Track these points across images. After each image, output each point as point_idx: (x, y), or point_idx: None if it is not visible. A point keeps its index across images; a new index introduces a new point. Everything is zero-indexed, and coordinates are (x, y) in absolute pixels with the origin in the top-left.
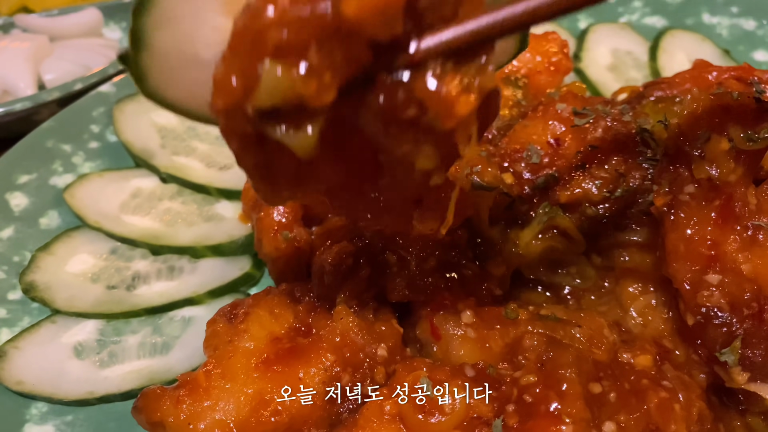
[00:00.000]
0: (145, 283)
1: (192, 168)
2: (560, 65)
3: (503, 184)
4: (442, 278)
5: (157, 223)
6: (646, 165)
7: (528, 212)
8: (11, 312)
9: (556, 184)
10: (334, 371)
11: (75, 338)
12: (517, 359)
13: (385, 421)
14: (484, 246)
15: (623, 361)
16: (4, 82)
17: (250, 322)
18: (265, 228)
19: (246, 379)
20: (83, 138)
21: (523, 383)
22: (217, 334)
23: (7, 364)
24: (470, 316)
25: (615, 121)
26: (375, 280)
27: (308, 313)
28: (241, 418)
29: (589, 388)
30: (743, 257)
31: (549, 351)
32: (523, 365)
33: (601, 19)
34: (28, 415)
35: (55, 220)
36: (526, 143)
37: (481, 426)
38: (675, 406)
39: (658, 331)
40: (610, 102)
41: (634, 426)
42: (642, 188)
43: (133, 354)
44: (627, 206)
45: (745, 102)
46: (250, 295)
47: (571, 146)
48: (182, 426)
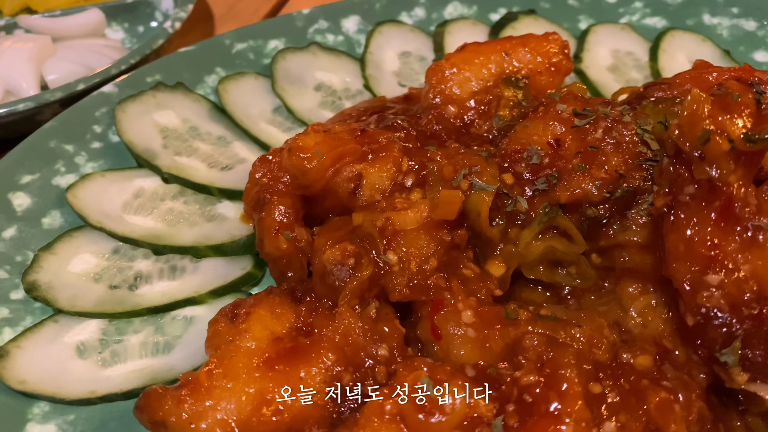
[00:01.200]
0: (147, 282)
1: (194, 168)
2: (561, 66)
3: (503, 185)
4: (442, 278)
5: (159, 223)
6: (646, 166)
7: (528, 212)
8: (14, 311)
9: (557, 185)
10: (336, 371)
11: (77, 338)
12: (517, 359)
13: (386, 420)
14: (485, 246)
15: (623, 361)
16: (6, 83)
17: (252, 322)
18: (266, 228)
19: (247, 379)
20: (86, 138)
21: (523, 383)
22: (219, 333)
23: (10, 363)
24: (471, 316)
25: (615, 121)
26: (376, 280)
27: (310, 313)
28: (242, 418)
29: (589, 388)
30: (743, 258)
31: (549, 351)
32: (524, 365)
33: (602, 19)
34: (30, 414)
35: (58, 220)
36: (526, 144)
37: (482, 426)
38: (675, 406)
39: (658, 332)
40: (611, 103)
41: (634, 426)
42: (642, 189)
43: (135, 353)
44: (627, 207)
45: (746, 103)
46: (251, 295)
47: (571, 147)
48: (184, 425)
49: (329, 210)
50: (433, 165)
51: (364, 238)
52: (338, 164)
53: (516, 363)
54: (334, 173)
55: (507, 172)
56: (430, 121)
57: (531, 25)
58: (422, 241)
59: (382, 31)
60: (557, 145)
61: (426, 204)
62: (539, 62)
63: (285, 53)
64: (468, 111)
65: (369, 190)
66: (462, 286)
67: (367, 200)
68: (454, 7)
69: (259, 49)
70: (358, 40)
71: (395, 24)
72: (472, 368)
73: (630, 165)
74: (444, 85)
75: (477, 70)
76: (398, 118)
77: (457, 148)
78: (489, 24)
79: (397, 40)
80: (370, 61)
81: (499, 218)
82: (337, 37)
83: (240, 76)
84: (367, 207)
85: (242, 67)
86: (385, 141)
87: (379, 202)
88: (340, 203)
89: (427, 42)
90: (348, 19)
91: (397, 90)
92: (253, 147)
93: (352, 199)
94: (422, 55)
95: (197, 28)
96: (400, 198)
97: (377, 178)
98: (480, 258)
